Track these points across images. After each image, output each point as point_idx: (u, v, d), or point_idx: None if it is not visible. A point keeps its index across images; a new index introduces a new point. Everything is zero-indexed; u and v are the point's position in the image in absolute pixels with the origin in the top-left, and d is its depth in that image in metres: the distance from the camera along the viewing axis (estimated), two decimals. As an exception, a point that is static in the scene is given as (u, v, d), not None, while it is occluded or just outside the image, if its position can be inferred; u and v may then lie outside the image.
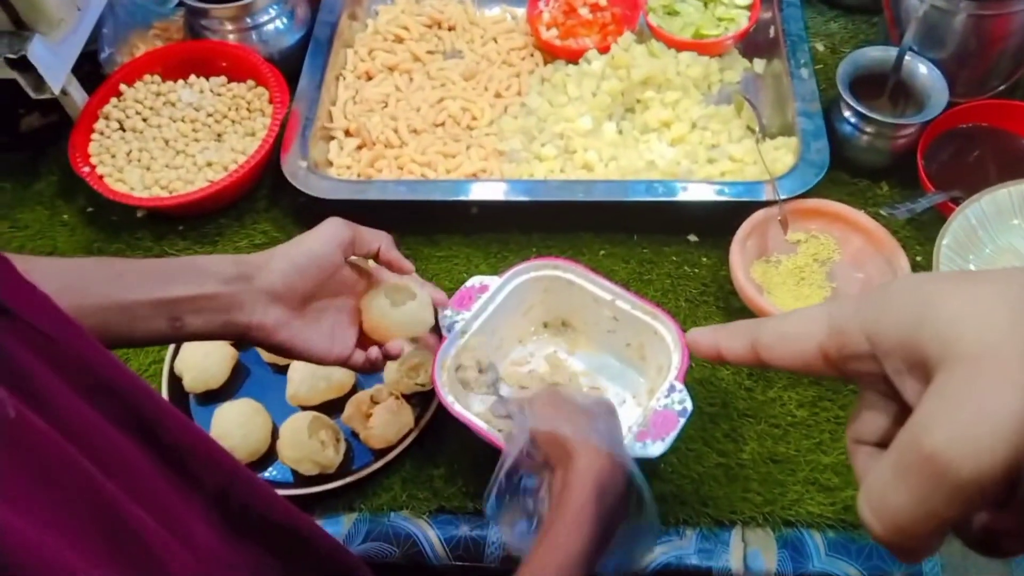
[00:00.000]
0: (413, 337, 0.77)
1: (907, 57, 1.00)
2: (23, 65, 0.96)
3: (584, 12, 1.17)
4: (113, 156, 1.05)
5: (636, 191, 0.97)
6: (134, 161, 1.05)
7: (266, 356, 0.91)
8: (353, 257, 0.74)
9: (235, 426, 0.84)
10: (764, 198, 0.93)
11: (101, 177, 1.03)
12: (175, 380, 0.89)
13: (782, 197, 0.92)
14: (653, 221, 1.00)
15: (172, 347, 0.91)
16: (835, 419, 0.85)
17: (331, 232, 0.71)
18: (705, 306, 0.94)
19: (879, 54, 1.02)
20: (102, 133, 1.07)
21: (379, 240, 0.74)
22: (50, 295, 0.44)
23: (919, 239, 0.96)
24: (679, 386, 0.76)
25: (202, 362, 0.89)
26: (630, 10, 1.15)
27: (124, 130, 1.08)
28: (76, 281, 0.61)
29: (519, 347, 0.91)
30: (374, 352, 0.74)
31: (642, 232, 1.00)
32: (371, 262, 0.77)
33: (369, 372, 0.77)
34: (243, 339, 0.67)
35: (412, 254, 1.00)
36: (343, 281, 0.74)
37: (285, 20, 1.13)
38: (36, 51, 0.96)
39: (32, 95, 1.01)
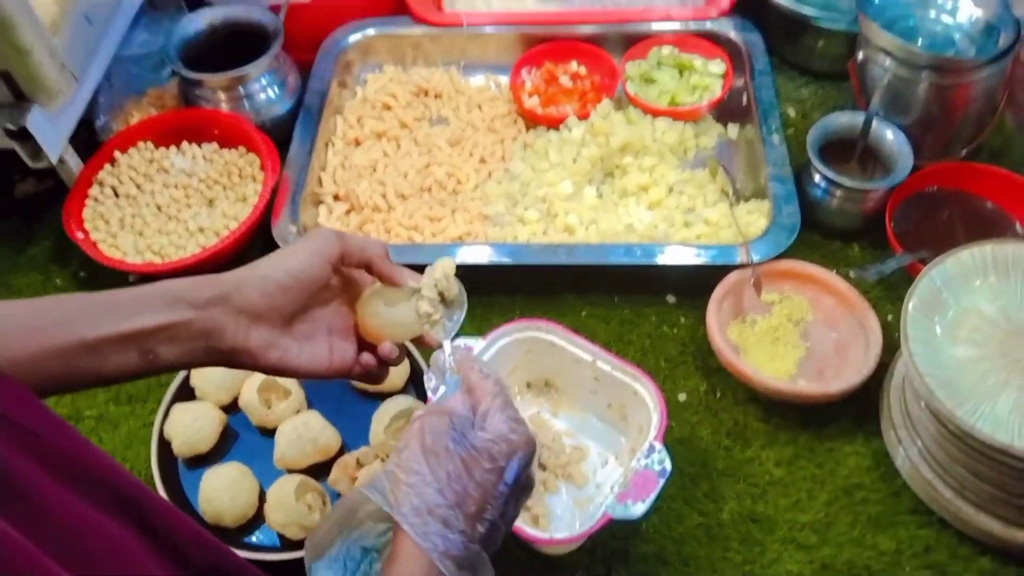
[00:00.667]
0: (414, 338, 0.70)
1: (874, 123, 1.05)
2: (23, 136, 0.99)
3: (564, 81, 1.21)
4: (107, 222, 1.08)
5: (616, 254, 1.00)
6: (127, 227, 1.08)
7: (253, 419, 0.93)
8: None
9: (223, 490, 0.85)
10: (738, 261, 0.96)
11: (95, 243, 1.05)
12: (164, 444, 0.90)
13: (755, 260, 0.95)
14: (633, 283, 1.02)
15: (161, 411, 0.92)
16: (812, 477, 0.87)
17: (317, 247, 0.65)
18: (684, 366, 0.97)
19: (847, 120, 1.07)
20: (96, 199, 1.10)
21: (371, 251, 0.68)
22: (8, 341, 0.43)
23: (890, 299, 0.99)
24: (658, 446, 0.78)
25: (191, 426, 0.90)
26: (608, 79, 1.20)
27: (118, 196, 1.11)
28: (35, 322, 0.56)
29: (503, 408, 0.92)
30: (365, 357, 0.68)
31: (622, 293, 1.03)
32: None
33: (370, 381, 0.71)
34: (230, 365, 0.63)
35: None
36: (337, 287, 0.69)
37: (276, 89, 1.17)
38: (35, 122, 0.99)
39: (30, 164, 1.03)
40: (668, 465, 0.77)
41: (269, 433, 0.92)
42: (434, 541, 0.52)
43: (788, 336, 0.96)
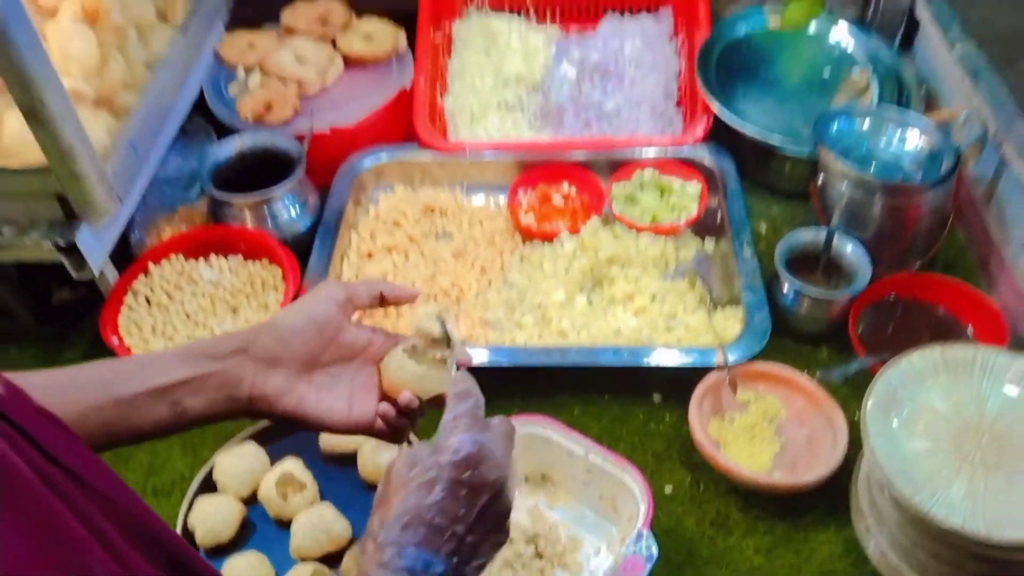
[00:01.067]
0: (435, 396, 0.70)
1: (835, 238, 1.16)
2: (71, 251, 1.10)
3: (557, 200, 1.34)
4: (140, 329, 1.17)
5: (605, 356, 1.09)
6: (158, 333, 1.17)
7: (271, 511, 1.00)
8: (365, 323, 0.76)
9: (242, 577, 0.91)
10: (716, 363, 1.06)
11: (129, 348, 1.14)
12: (188, 534, 0.97)
13: (731, 362, 1.05)
14: (621, 382, 1.12)
15: (186, 503, 0.99)
16: (789, 565, 0.94)
17: (324, 293, 0.70)
18: (669, 460, 1.05)
19: (811, 236, 1.19)
20: (130, 308, 1.20)
21: (377, 286, 0.73)
22: (51, 406, 0.50)
23: (856, 397, 1.07)
24: (646, 532, 0.86)
25: (213, 516, 0.97)
26: (596, 198, 1.33)
27: (150, 304, 1.21)
28: (73, 386, 0.62)
29: (503, 499, 1.00)
30: (383, 407, 0.70)
31: (612, 392, 1.12)
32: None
33: (391, 437, 0.72)
34: (250, 414, 0.66)
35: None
36: (359, 345, 0.72)
37: (298, 208, 1.29)
38: (83, 238, 1.10)
39: (74, 276, 1.14)
40: (655, 551, 0.84)
41: (285, 524, 0.98)
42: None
43: (764, 432, 1.04)
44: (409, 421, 0.72)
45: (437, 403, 0.70)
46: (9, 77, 0.94)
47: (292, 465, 1.01)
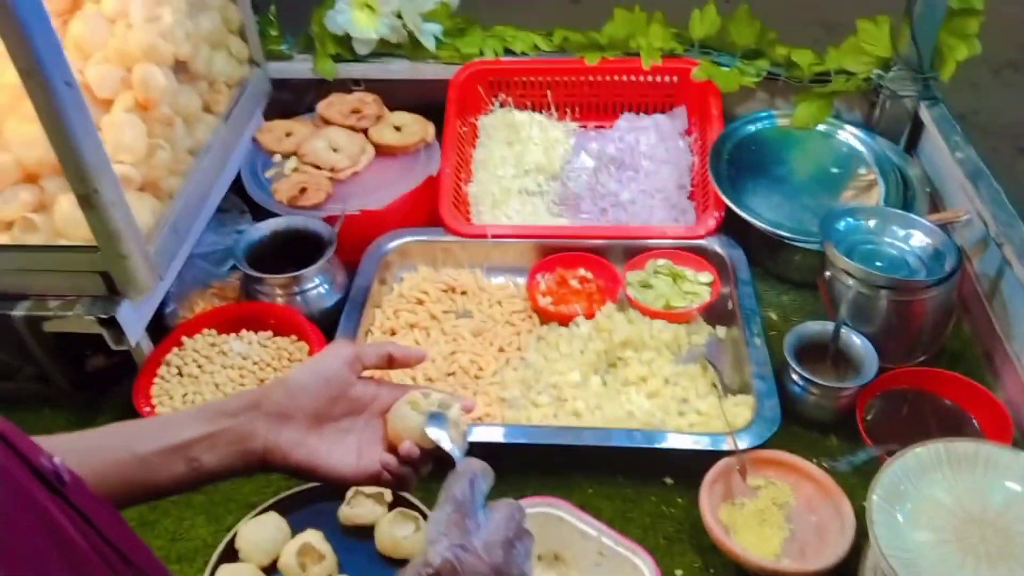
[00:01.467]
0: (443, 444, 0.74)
1: (842, 331, 1.20)
2: (111, 324, 1.16)
3: (574, 284, 1.40)
4: (171, 398, 1.22)
5: (618, 438, 1.13)
6: (188, 403, 1.22)
7: (293, 583, 1.02)
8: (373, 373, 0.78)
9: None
10: (727, 448, 1.09)
11: (159, 416, 1.19)
12: (209, 603, 1.00)
13: (741, 448, 1.08)
14: (634, 464, 1.15)
15: (208, 571, 1.02)
16: (797, 652, 0.95)
17: (334, 350, 0.75)
18: (680, 544, 1.07)
19: (819, 328, 1.23)
20: (163, 378, 1.25)
21: (386, 347, 0.77)
22: (76, 465, 0.54)
23: (864, 485, 1.08)
24: (655, 617, 0.87)
25: (235, 585, 1.00)
26: (611, 284, 1.39)
27: (182, 375, 1.26)
28: (95, 446, 0.66)
29: (516, 579, 1.02)
30: (386, 457, 0.73)
31: (625, 473, 1.15)
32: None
33: (396, 486, 0.76)
34: (264, 468, 0.69)
35: (422, 488, 1.13)
36: (367, 398, 0.76)
37: (327, 286, 1.35)
38: (123, 313, 1.17)
39: (112, 347, 1.20)
40: (664, 635, 0.86)
41: (303, 596, 1.01)
42: None
43: (773, 518, 1.06)
44: (412, 470, 0.75)
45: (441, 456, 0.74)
46: (68, 167, 1.02)
47: (312, 536, 1.04)
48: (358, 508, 1.08)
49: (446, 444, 0.73)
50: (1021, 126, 2.95)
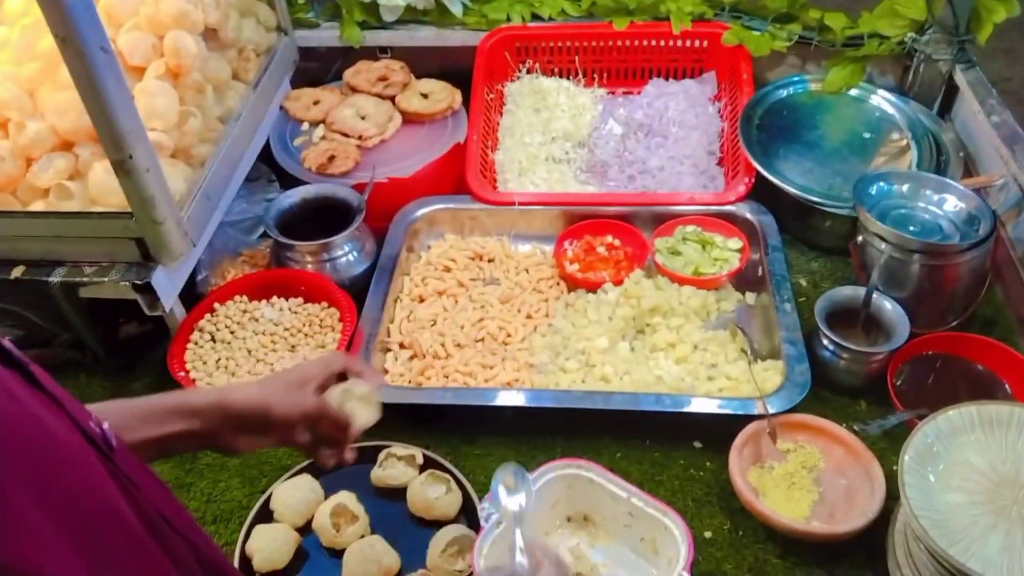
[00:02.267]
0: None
1: (874, 296, 1.20)
2: (145, 289, 1.18)
3: (601, 250, 1.40)
4: (204, 363, 1.24)
5: (647, 402, 1.13)
6: (222, 368, 1.24)
7: (324, 540, 1.04)
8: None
9: (296, 603, 0.96)
10: (757, 412, 1.09)
11: (194, 381, 1.21)
12: (245, 560, 1.02)
13: (771, 413, 1.08)
14: (662, 429, 1.15)
15: (243, 531, 1.04)
16: (826, 612, 0.95)
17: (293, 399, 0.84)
18: (709, 506, 1.07)
19: (850, 293, 1.22)
20: (196, 343, 1.27)
21: (335, 365, 0.89)
22: None
23: (894, 450, 1.09)
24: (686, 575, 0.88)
25: (269, 546, 1.02)
26: (640, 250, 1.38)
27: (215, 341, 1.28)
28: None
29: (545, 539, 1.03)
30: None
31: (653, 438, 1.16)
32: None
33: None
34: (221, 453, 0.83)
35: (453, 451, 1.15)
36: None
37: (356, 253, 1.36)
38: (157, 279, 1.18)
39: (147, 312, 1.22)
40: (694, 593, 0.87)
41: (337, 554, 1.03)
42: None
43: (802, 481, 1.06)
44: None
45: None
46: (103, 134, 1.03)
47: (345, 498, 1.05)
48: (390, 470, 1.10)
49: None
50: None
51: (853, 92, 1.54)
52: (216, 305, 1.32)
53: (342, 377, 0.89)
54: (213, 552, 0.62)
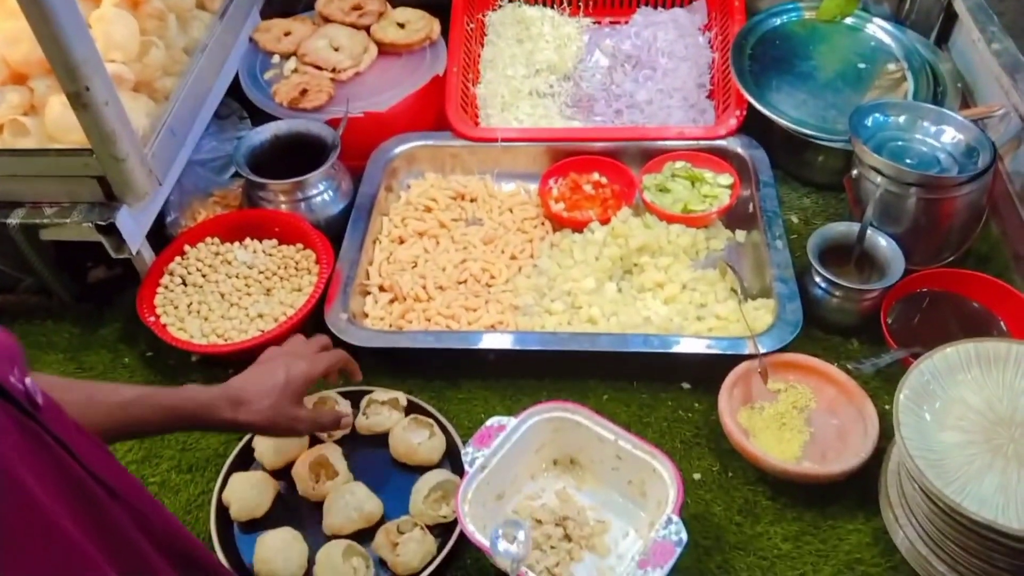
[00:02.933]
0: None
1: (868, 231, 1.16)
2: (110, 231, 1.13)
3: (588, 188, 1.35)
4: (176, 307, 1.19)
5: (635, 343, 1.10)
6: (194, 312, 1.19)
7: (301, 490, 1.01)
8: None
9: (276, 552, 0.93)
10: (747, 352, 1.06)
11: (164, 326, 1.17)
12: (222, 509, 0.99)
13: (762, 352, 1.05)
14: (650, 370, 1.12)
15: (220, 479, 1.01)
16: (816, 552, 0.94)
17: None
18: (698, 448, 1.05)
19: (844, 229, 1.18)
20: (167, 287, 1.22)
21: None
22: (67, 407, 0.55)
23: (887, 389, 1.08)
24: (675, 518, 0.86)
25: (248, 493, 0.99)
26: (627, 187, 1.33)
27: (186, 285, 1.23)
28: (87, 401, 0.77)
29: (531, 482, 1.01)
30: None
31: (641, 380, 1.13)
32: None
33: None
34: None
35: (436, 396, 1.12)
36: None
37: (332, 193, 1.31)
38: (122, 219, 1.13)
39: (112, 255, 1.16)
40: (684, 536, 0.85)
41: (317, 506, 1.00)
42: None
43: (793, 422, 1.04)
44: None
45: None
46: (57, 64, 0.97)
47: (329, 451, 1.02)
48: (374, 417, 1.07)
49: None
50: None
51: (848, 21, 1.48)
52: (187, 247, 1.26)
53: None
54: (163, 519, 0.59)
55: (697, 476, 1.02)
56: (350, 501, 0.97)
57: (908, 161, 1.19)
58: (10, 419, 0.45)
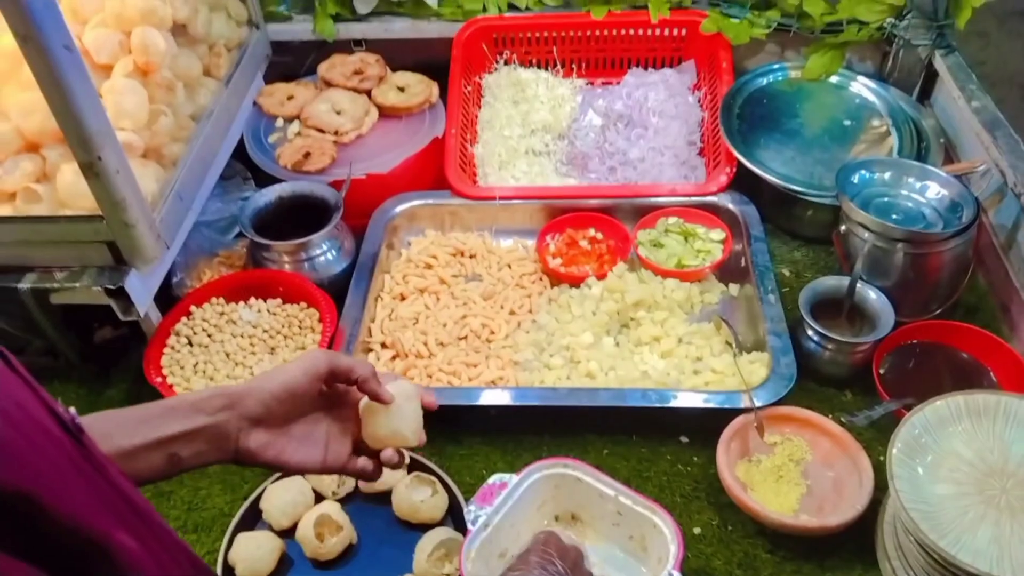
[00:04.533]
0: (407, 445, 0.81)
1: (858, 285, 1.19)
2: (119, 294, 1.15)
3: (584, 244, 1.38)
4: (182, 368, 1.22)
5: (633, 398, 1.12)
6: (200, 372, 1.21)
7: (307, 552, 1.02)
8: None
9: (281, 612, 0.94)
10: (743, 405, 1.08)
11: (171, 386, 1.19)
12: (228, 569, 1.00)
13: (757, 405, 1.07)
14: (649, 424, 1.14)
15: (226, 539, 1.02)
16: (817, 606, 0.95)
17: (308, 365, 0.76)
18: (697, 501, 1.07)
19: (834, 282, 1.21)
20: (173, 348, 1.24)
21: (359, 372, 0.78)
22: None
23: (881, 440, 1.09)
24: (676, 574, 0.87)
25: (253, 553, 1.00)
26: (622, 243, 1.37)
27: (192, 345, 1.25)
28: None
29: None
30: (362, 461, 0.80)
31: (640, 433, 1.15)
32: None
33: (367, 479, 0.82)
34: (236, 463, 0.74)
35: (438, 452, 1.13)
36: (336, 395, 0.81)
37: (335, 252, 1.34)
38: (131, 283, 1.15)
39: (121, 317, 1.19)
40: (685, 591, 0.86)
41: (322, 565, 1.01)
42: None
43: (790, 474, 1.06)
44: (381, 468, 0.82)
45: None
46: (70, 135, 1.00)
47: (329, 507, 1.03)
48: (375, 474, 1.08)
49: None
50: (1036, 74, 2.90)
51: (833, 79, 1.53)
52: (192, 308, 1.29)
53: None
54: (176, 540, 0.58)
55: (697, 530, 1.03)
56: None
57: (894, 217, 1.22)
58: (66, 442, 0.47)
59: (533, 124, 1.57)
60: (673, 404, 1.10)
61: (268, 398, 0.74)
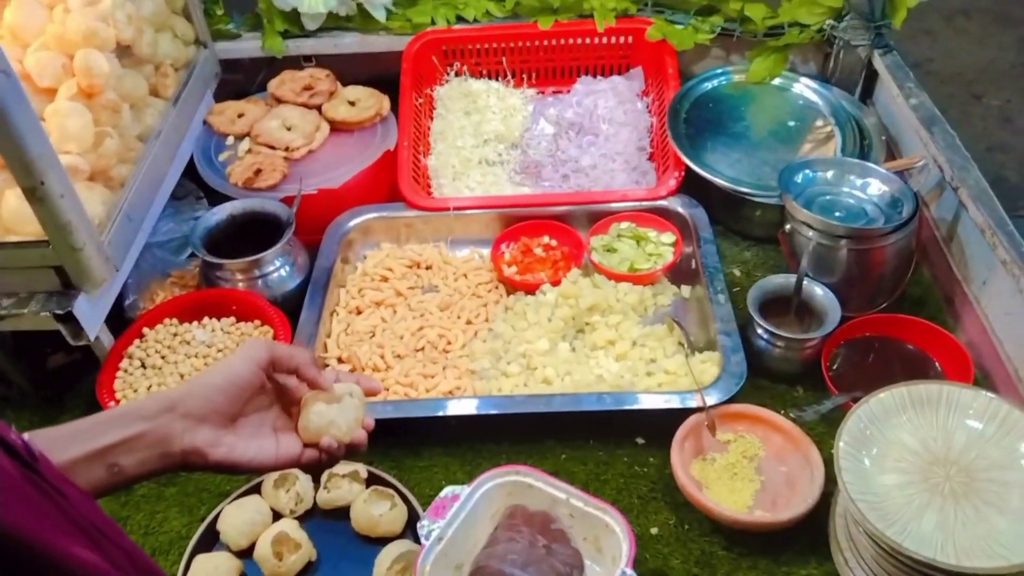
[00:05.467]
0: (340, 439, 0.77)
1: (804, 282, 1.21)
2: (67, 319, 1.14)
3: (538, 252, 1.39)
4: (135, 391, 1.20)
5: (588, 402, 1.13)
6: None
7: (266, 571, 1.01)
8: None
9: (240, 633, 0.93)
10: (696, 405, 1.10)
11: (125, 410, 1.17)
12: (186, 592, 0.99)
13: (708, 404, 1.09)
14: (605, 427, 1.15)
15: (183, 562, 1.01)
16: (772, 601, 0.96)
17: (249, 353, 0.75)
18: (654, 502, 1.08)
19: (782, 280, 1.23)
20: (126, 371, 1.23)
21: (299, 359, 0.77)
22: None
23: (831, 434, 1.09)
24: (629, 571, 0.88)
25: (212, 574, 0.99)
26: (576, 250, 1.38)
27: (145, 367, 1.24)
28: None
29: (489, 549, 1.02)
30: (308, 453, 0.77)
31: (596, 437, 1.16)
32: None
33: (316, 472, 0.81)
34: (184, 469, 0.70)
35: (397, 465, 1.13)
36: (277, 392, 0.79)
37: (288, 268, 1.34)
38: (80, 307, 1.14)
39: (71, 342, 1.17)
40: (641, 591, 0.87)
41: (280, 581, 1.01)
42: None
43: (744, 471, 1.08)
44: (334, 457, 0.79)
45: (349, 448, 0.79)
46: (11, 160, 0.99)
47: (287, 525, 1.03)
48: (336, 491, 1.08)
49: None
50: (974, 71, 2.98)
51: (776, 81, 1.56)
52: (145, 330, 1.28)
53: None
54: (146, 562, 0.59)
55: (655, 531, 1.04)
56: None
57: (837, 214, 1.25)
58: (16, 471, 0.47)
59: (486, 134, 1.59)
60: (628, 406, 1.12)
61: (212, 392, 0.72)
